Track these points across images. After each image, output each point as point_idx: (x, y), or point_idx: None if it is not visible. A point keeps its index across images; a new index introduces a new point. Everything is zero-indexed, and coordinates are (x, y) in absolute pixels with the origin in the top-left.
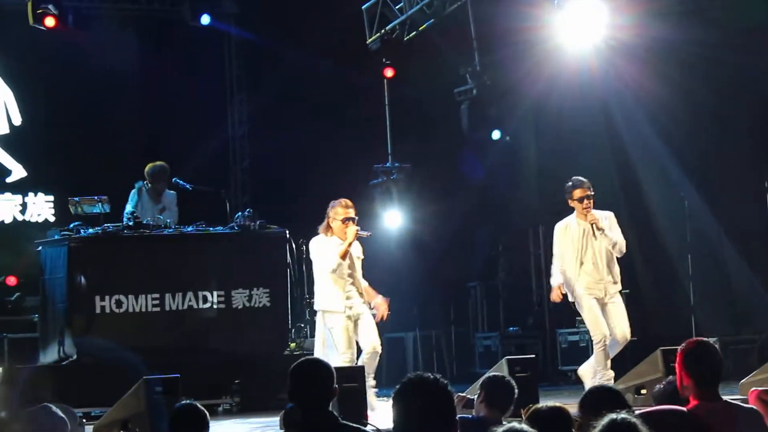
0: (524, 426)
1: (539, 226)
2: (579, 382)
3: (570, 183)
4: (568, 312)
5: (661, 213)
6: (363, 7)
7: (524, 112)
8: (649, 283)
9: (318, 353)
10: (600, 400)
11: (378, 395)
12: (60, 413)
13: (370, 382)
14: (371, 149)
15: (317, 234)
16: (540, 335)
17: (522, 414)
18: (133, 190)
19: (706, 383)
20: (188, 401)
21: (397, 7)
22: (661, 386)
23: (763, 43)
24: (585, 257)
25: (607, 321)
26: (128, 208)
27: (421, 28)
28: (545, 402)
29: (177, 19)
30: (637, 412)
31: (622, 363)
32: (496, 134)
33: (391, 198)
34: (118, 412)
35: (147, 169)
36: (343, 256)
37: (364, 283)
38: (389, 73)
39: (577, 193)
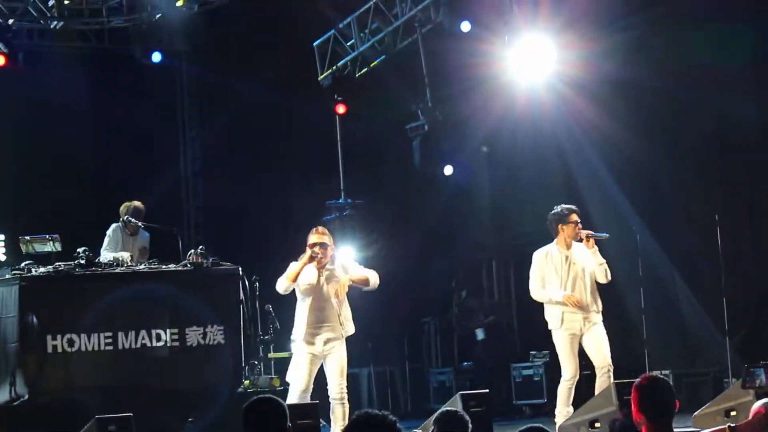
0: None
1: (492, 261)
2: (533, 416)
3: (561, 209)
4: (521, 347)
5: (613, 247)
6: (314, 44)
7: (476, 147)
8: (602, 317)
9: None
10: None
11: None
12: None
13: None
14: (324, 185)
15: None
16: (494, 370)
17: None
18: (109, 231)
19: (658, 419)
20: None
21: (348, 44)
22: (618, 420)
23: (705, 80)
24: (568, 285)
25: (588, 349)
26: (102, 252)
27: (372, 65)
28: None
29: (128, 57)
30: None
31: (577, 396)
32: (448, 169)
33: (344, 234)
34: None
35: (121, 209)
36: (294, 278)
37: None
38: (341, 109)
39: (574, 217)
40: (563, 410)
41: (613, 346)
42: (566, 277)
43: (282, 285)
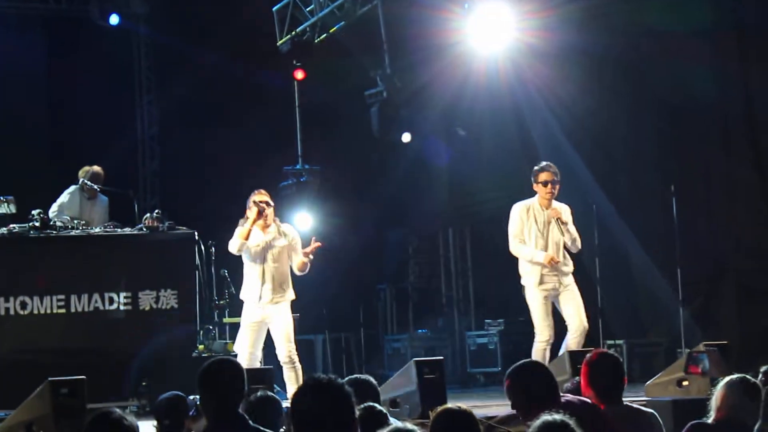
0: (408, 425)
1: (449, 228)
2: (487, 384)
3: (537, 166)
4: (477, 315)
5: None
6: (273, 9)
7: (435, 115)
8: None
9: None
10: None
11: None
12: None
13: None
14: (281, 151)
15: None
16: (449, 337)
17: (430, 415)
18: (66, 192)
19: (606, 394)
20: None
21: (307, 9)
22: (569, 386)
23: (663, 49)
24: (550, 247)
25: (564, 311)
26: (54, 206)
27: (331, 31)
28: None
29: (85, 19)
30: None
31: None
32: (406, 136)
33: (300, 200)
34: (22, 413)
35: (80, 172)
36: (246, 236)
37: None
38: (299, 75)
39: (543, 176)
40: None
41: None
42: (546, 238)
43: (235, 245)
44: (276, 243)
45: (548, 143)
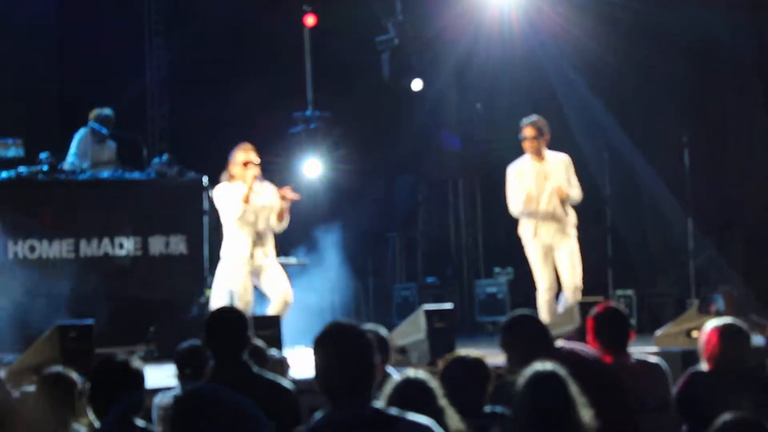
0: (420, 373)
1: (459, 178)
2: (495, 333)
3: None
4: (486, 263)
5: (581, 165)
6: None
7: (447, 62)
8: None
9: (215, 301)
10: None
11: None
12: None
13: None
14: (291, 97)
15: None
16: (458, 286)
17: (440, 363)
18: (78, 136)
19: (613, 347)
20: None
21: None
22: (573, 334)
23: None
24: (541, 198)
25: (558, 266)
26: (70, 157)
27: None
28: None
29: None
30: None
31: None
32: (417, 84)
33: (310, 147)
34: (30, 357)
35: (91, 114)
36: (246, 200)
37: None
38: (310, 20)
39: (522, 132)
40: None
41: None
42: (538, 192)
43: (238, 210)
44: (261, 202)
45: (566, 91)
